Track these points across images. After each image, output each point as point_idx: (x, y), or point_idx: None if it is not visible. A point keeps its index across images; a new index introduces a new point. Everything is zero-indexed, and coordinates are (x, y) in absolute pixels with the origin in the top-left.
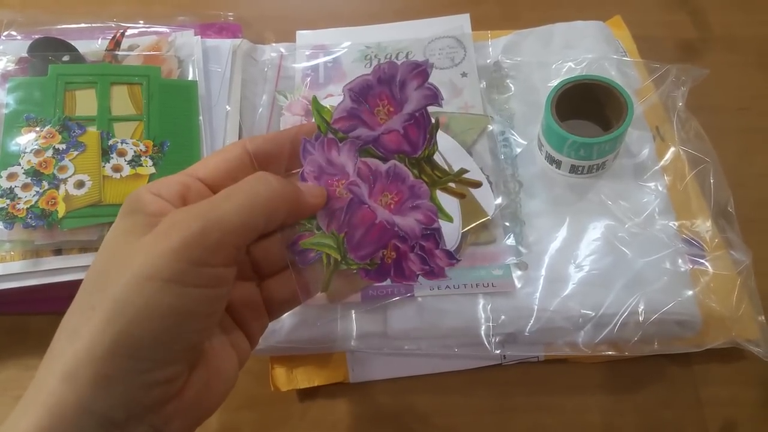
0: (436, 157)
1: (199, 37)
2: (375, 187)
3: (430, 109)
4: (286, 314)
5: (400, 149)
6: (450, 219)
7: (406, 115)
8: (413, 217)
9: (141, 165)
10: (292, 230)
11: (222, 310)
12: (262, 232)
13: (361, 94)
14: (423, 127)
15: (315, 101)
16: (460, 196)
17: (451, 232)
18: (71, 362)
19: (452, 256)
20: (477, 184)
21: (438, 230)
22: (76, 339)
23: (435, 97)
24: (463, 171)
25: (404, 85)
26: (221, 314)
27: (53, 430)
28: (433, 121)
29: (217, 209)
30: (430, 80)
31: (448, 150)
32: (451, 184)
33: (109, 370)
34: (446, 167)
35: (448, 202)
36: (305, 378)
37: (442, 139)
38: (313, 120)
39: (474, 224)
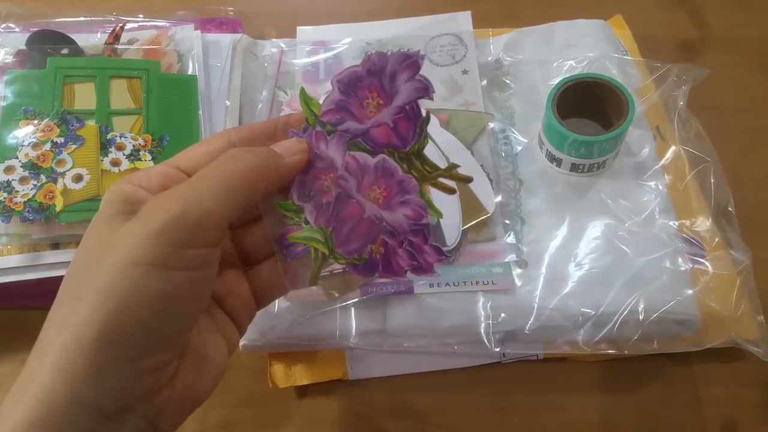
0: (434, 151)
1: (199, 31)
2: (363, 181)
3: (431, 105)
4: (285, 311)
5: (390, 143)
6: (439, 215)
7: (396, 108)
8: (401, 213)
9: (140, 159)
10: (279, 222)
11: (208, 294)
12: (245, 207)
13: (350, 85)
14: (413, 121)
15: (303, 92)
16: (450, 191)
17: (451, 229)
18: (60, 354)
19: (441, 252)
20: (468, 180)
21: (427, 226)
22: (64, 330)
23: (426, 90)
24: (454, 166)
25: (394, 77)
26: (208, 299)
27: (45, 422)
28: (423, 114)
29: (194, 190)
30: (427, 75)
31: (448, 147)
32: (443, 180)
33: (98, 360)
34: (444, 161)
35: (449, 199)
36: (304, 375)
37: (443, 135)
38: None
39: (474, 221)
